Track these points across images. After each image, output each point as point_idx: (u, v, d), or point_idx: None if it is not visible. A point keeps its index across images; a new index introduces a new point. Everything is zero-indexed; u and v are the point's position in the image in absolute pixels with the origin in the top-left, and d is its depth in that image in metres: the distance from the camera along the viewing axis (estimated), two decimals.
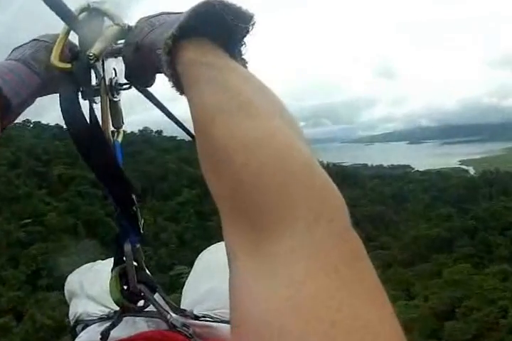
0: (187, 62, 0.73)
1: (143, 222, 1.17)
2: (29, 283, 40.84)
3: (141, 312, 1.25)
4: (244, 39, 0.80)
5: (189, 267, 1.92)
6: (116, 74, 1.07)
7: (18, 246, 45.27)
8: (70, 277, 1.84)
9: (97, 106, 1.05)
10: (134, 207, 1.12)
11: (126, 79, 1.03)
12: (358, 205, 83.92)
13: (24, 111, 1.03)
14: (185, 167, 69.15)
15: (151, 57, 0.84)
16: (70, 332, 1.61)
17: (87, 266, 1.86)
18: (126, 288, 1.19)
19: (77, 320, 1.58)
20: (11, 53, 1.05)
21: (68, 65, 0.97)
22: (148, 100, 1.21)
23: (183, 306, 1.46)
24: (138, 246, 1.19)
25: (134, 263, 1.21)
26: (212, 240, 1.99)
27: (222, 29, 0.77)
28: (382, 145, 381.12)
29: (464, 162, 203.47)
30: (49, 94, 1.06)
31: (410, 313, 38.47)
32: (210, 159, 0.65)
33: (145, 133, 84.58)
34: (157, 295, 1.28)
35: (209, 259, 1.77)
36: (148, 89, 1.16)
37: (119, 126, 1.13)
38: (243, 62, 0.81)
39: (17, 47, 1.05)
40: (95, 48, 0.95)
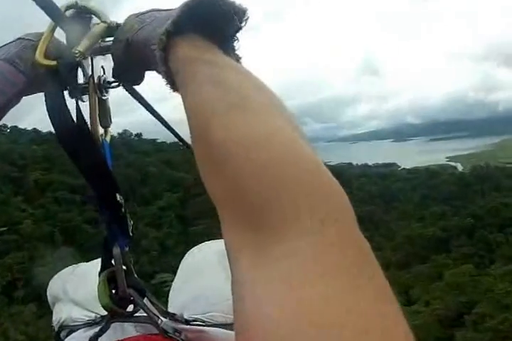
0: (183, 59, 0.74)
1: (131, 225, 1.17)
2: (4, 294, 40.07)
3: (130, 318, 1.23)
4: (237, 34, 0.81)
5: (172, 275, 1.82)
6: (104, 72, 1.07)
7: None
8: (52, 281, 1.81)
9: (84, 105, 1.05)
10: (122, 209, 1.11)
11: (114, 77, 1.03)
12: None
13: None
14: (166, 170, 68.84)
15: (142, 54, 0.84)
16: (54, 338, 1.59)
17: (69, 269, 1.82)
18: (114, 292, 1.19)
19: (62, 326, 1.57)
20: None
21: (53, 62, 0.96)
22: (136, 100, 1.18)
23: (171, 309, 1.42)
24: (127, 249, 1.19)
25: (123, 267, 1.20)
26: (195, 246, 1.89)
27: (215, 24, 0.78)
28: (367, 143, 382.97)
29: (452, 158, 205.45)
30: (35, 93, 1.06)
31: (411, 320, 36.49)
32: (209, 160, 0.64)
33: (124, 136, 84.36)
34: (146, 300, 1.26)
35: (196, 260, 1.74)
36: (136, 89, 1.16)
37: (107, 126, 1.14)
38: (237, 58, 0.82)
39: (1, 46, 1.04)
40: (81, 45, 0.95)
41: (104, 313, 1.28)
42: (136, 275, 1.23)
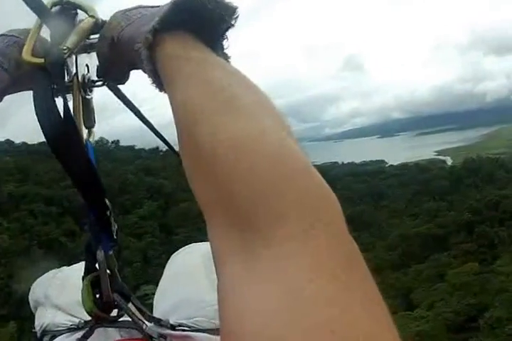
0: (170, 57, 0.74)
1: (116, 228, 1.17)
2: None
3: (114, 323, 1.24)
4: (227, 33, 0.81)
5: (157, 286, 1.74)
6: (88, 71, 1.06)
7: None
8: (34, 286, 1.80)
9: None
10: (107, 212, 1.11)
11: (99, 75, 1.04)
12: None
13: None
14: (144, 177, 68.37)
15: (127, 52, 0.84)
16: None
17: (51, 273, 1.80)
18: (99, 296, 1.19)
19: (44, 331, 1.58)
20: None
21: (41, 60, 0.94)
22: (120, 100, 1.19)
23: (157, 314, 1.42)
24: (111, 253, 1.19)
25: (108, 271, 1.20)
26: None
27: (204, 22, 0.77)
28: (352, 141, 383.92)
29: (441, 152, 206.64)
30: (19, 92, 1.05)
31: (415, 326, 35.61)
32: (197, 162, 0.64)
33: (101, 143, 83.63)
34: (131, 305, 1.26)
35: (181, 263, 1.73)
36: (120, 89, 1.16)
37: (91, 126, 1.13)
38: (225, 57, 0.82)
39: None
40: (69, 41, 0.95)
41: (88, 318, 1.28)
42: (120, 280, 1.22)
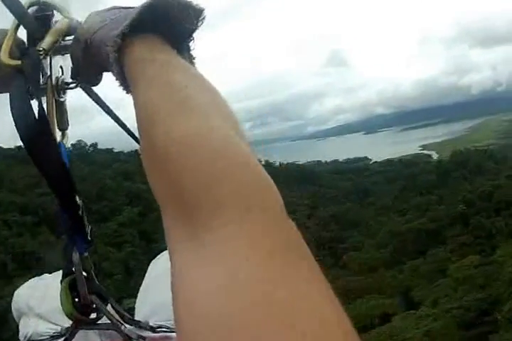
0: (135, 60, 0.80)
1: (90, 229, 1.18)
2: None
3: (94, 325, 1.26)
4: (193, 34, 0.88)
5: None
6: (62, 73, 1.09)
7: None
8: (16, 295, 1.84)
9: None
10: (79, 212, 1.12)
11: (72, 78, 1.06)
12: (319, 205, 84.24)
13: None
14: (123, 182, 67.63)
15: (99, 54, 0.88)
16: None
17: (32, 281, 1.87)
18: (77, 300, 1.21)
19: (28, 340, 1.63)
20: None
21: (18, 62, 0.97)
22: (94, 101, 1.22)
23: (138, 318, 1.47)
24: (86, 254, 1.20)
25: (84, 274, 1.21)
26: None
27: (172, 25, 0.84)
28: (336, 138, 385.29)
29: (425, 147, 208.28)
30: None
31: (423, 325, 34.21)
32: (152, 159, 0.71)
33: (79, 146, 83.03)
34: (109, 307, 1.28)
35: (161, 268, 1.75)
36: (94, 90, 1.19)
37: (64, 128, 1.15)
38: (190, 58, 0.88)
39: None
40: (45, 42, 0.97)
41: (69, 325, 1.29)
42: (97, 282, 1.23)
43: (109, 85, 0.95)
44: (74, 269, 1.18)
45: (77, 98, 1.12)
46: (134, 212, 61.53)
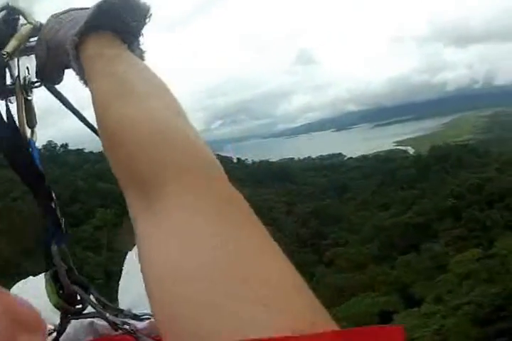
0: (89, 56, 0.90)
1: (64, 221, 1.24)
2: None
3: (81, 314, 1.30)
4: (142, 30, 0.98)
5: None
6: (29, 73, 1.15)
7: None
8: None
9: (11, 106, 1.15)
10: (52, 204, 1.20)
11: (38, 77, 1.13)
12: (297, 202, 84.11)
13: None
14: (96, 183, 66.69)
15: (60, 53, 0.97)
16: None
17: (18, 285, 1.84)
18: (61, 290, 1.25)
19: None
20: None
21: None
22: (58, 99, 1.25)
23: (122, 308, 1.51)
24: (63, 246, 1.25)
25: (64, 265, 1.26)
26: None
27: (123, 22, 0.95)
28: (307, 136, 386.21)
29: (400, 142, 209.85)
30: None
31: (431, 323, 32.98)
32: (108, 147, 0.81)
33: (49, 147, 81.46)
34: (92, 297, 1.33)
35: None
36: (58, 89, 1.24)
37: (33, 126, 1.21)
38: (141, 52, 1.00)
39: None
40: (9, 46, 1.05)
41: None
42: (77, 273, 1.27)
43: (75, 85, 1.03)
44: (54, 261, 1.21)
45: (46, 99, 1.19)
46: (110, 214, 60.62)
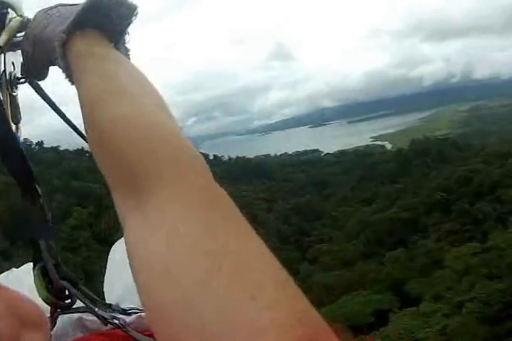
0: (76, 54, 0.90)
1: (51, 216, 1.24)
2: None
3: (70, 309, 1.29)
4: (128, 29, 0.99)
5: None
6: (14, 68, 1.15)
7: None
8: None
9: None
10: (40, 200, 1.20)
11: (23, 73, 1.13)
12: (277, 198, 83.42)
13: None
14: (71, 181, 65.39)
15: (47, 50, 0.97)
16: None
17: (2, 276, 1.77)
18: (50, 285, 1.25)
19: None
20: None
21: None
22: (40, 96, 1.26)
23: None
24: (51, 241, 1.25)
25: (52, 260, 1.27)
26: None
27: (110, 20, 0.95)
28: (283, 132, 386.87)
29: (377, 138, 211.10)
30: None
31: (432, 324, 31.58)
32: (95, 144, 0.82)
33: (24, 145, 79.41)
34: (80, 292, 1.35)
35: (122, 252, 1.70)
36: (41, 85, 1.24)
37: (18, 121, 1.22)
38: (126, 50, 1.00)
39: None
40: (0, 40, 1.05)
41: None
42: (64, 268, 1.25)
43: (55, 81, 1.06)
44: (42, 256, 1.21)
45: (22, 95, 1.18)
46: (86, 213, 59.39)
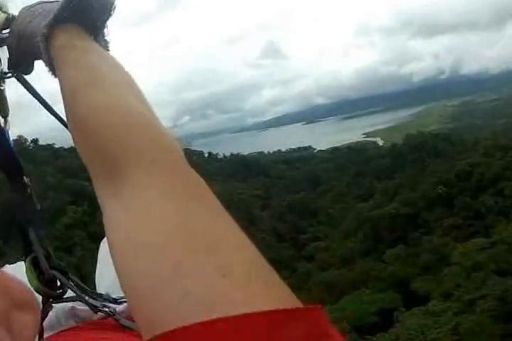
0: (58, 47, 0.94)
1: (40, 207, 1.26)
2: None
3: (61, 299, 1.31)
4: (107, 22, 1.02)
5: None
6: (1, 64, 1.16)
7: None
8: None
9: None
10: (28, 190, 1.23)
11: (9, 68, 1.14)
12: (272, 195, 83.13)
13: None
14: (66, 179, 64.95)
15: (31, 45, 1.00)
16: None
17: None
18: (41, 275, 1.26)
19: None
20: None
21: None
22: (27, 90, 1.27)
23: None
24: (41, 232, 1.27)
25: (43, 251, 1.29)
26: None
27: (90, 15, 0.98)
28: (276, 129, 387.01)
29: (369, 134, 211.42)
30: None
31: (443, 323, 30.28)
32: (75, 130, 0.86)
33: (19, 142, 79.02)
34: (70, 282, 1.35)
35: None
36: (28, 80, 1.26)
37: (6, 116, 1.23)
38: (105, 43, 1.03)
39: None
40: None
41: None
42: (54, 258, 1.27)
43: (47, 78, 1.07)
44: (33, 247, 1.23)
45: (15, 93, 1.20)
46: (80, 212, 59.00)
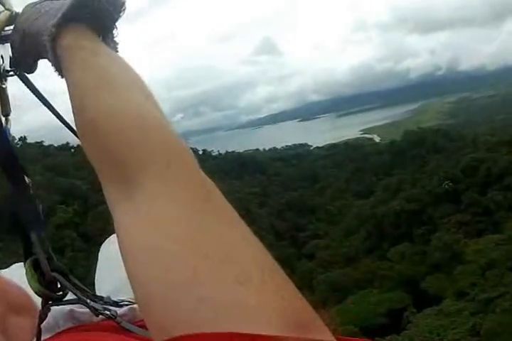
0: (66, 48, 0.92)
1: (42, 208, 1.24)
2: None
3: (62, 301, 1.29)
4: (116, 23, 1.01)
5: None
6: (3, 61, 1.15)
7: None
8: None
9: None
10: (29, 191, 1.21)
11: (12, 66, 1.14)
12: (270, 193, 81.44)
13: None
14: (55, 178, 62.85)
15: (36, 43, 0.99)
16: None
17: None
18: (42, 277, 1.24)
19: None
20: None
21: None
22: (29, 89, 1.27)
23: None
24: (42, 234, 1.24)
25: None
26: None
27: (99, 15, 0.97)
28: (271, 126, 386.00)
29: (366, 131, 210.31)
30: None
31: (459, 324, 29.34)
32: (84, 131, 0.84)
33: None
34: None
35: (112, 249, 1.73)
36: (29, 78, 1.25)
37: (7, 114, 1.22)
38: (114, 44, 1.02)
39: None
40: None
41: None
42: (56, 260, 1.25)
43: (45, 76, 1.08)
44: (34, 249, 1.20)
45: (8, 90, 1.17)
46: (71, 212, 56.91)
